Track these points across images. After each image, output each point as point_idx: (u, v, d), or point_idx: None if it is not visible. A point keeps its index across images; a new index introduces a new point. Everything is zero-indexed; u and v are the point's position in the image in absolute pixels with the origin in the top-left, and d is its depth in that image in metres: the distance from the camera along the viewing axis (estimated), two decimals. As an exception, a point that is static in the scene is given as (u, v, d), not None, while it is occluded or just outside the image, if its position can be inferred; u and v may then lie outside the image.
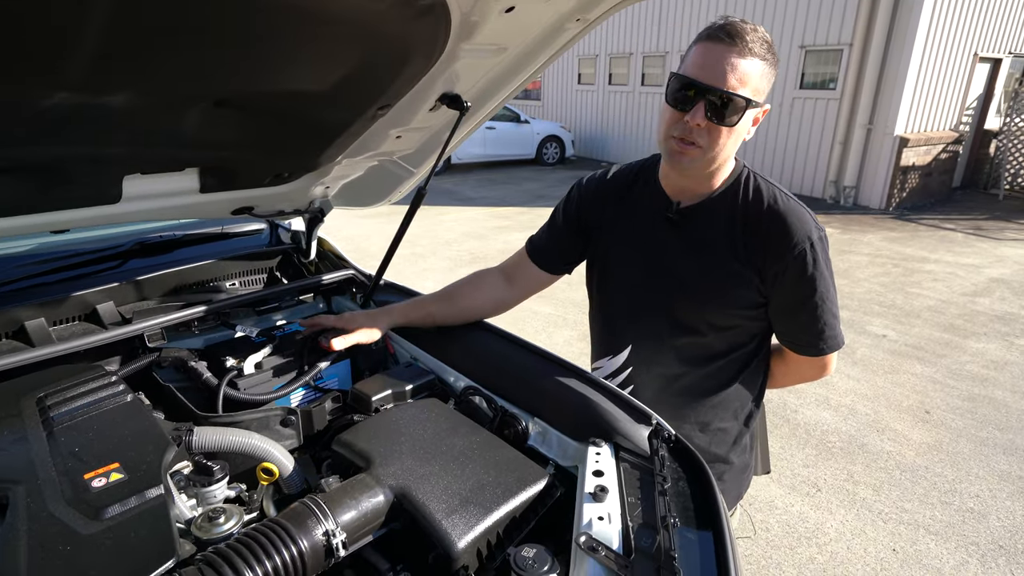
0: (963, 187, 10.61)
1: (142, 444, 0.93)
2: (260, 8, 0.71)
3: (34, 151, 0.88)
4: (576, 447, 1.14)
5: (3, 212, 1.00)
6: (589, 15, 1.05)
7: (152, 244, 1.46)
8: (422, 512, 0.92)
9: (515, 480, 1.01)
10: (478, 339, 1.42)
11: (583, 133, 14.30)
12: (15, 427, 0.93)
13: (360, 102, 1.06)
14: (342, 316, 1.40)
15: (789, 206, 1.20)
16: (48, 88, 0.74)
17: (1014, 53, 10.12)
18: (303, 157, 1.24)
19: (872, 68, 8.73)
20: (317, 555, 0.84)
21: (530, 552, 0.88)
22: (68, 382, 1.04)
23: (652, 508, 0.96)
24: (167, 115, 0.91)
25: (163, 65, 0.77)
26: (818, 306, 1.20)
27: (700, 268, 1.25)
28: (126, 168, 1.07)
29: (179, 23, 0.68)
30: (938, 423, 3.45)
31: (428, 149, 1.40)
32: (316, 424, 1.21)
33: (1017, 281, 5.97)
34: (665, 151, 1.19)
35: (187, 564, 0.77)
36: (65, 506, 0.81)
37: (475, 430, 1.15)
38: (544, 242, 1.47)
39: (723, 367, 1.31)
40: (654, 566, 0.84)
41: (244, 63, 0.83)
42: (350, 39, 0.85)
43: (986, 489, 2.88)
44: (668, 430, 1.11)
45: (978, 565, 2.41)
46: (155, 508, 0.82)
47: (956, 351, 4.39)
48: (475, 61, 1.07)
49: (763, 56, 1.08)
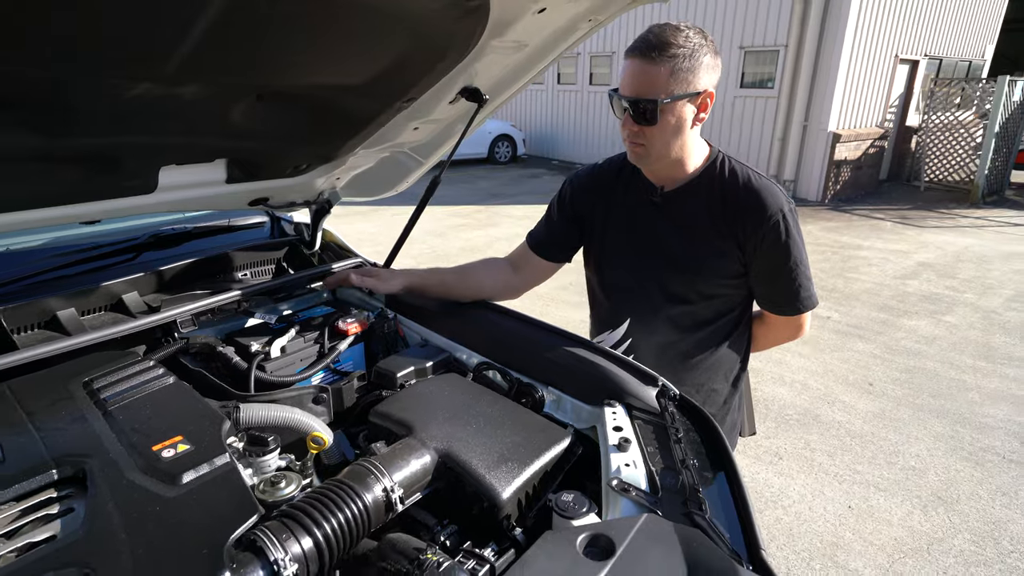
0: (889, 179, 11.37)
1: (198, 419, 0.98)
2: (341, 4, 0.78)
3: (98, 140, 0.92)
4: (590, 411, 1.25)
5: (49, 202, 1.02)
6: (600, 16, 1.16)
7: (166, 236, 1.47)
8: (467, 469, 1.01)
9: (543, 439, 1.11)
10: (485, 318, 1.51)
11: (534, 132, 14.48)
12: (71, 408, 0.96)
13: (391, 94, 1.13)
14: (367, 270, 1.47)
15: (762, 183, 1.35)
16: (141, 80, 0.79)
17: (929, 55, 10.92)
18: (325, 148, 1.30)
19: (806, 68, 9.25)
20: (379, 509, 0.92)
21: (569, 496, 0.98)
22: (109, 367, 1.07)
23: (670, 455, 1.07)
24: (218, 106, 0.96)
25: (239, 58, 0.82)
26: (793, 270, 1.35)
27: (686, 244, 1.39)
28: (165, 158, 1.10)
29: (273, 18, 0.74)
30: (880, 393, 3.76)
31: (438, 140, 1.48)
32: (345, 401, 1.27)
33: (940, 264, 6.49)
34: (628, 153, 1.37)
35: (266, 520, 0.83)
36: (142, 475, 0.85)
37: (497, 399, 1.24)
38: (543, 235, 1.58)
39: (712, 333, 1.45)
40: (680, 500, 0.96)
41: (304, 56, 0.89)
42: (399, 34, 0.92)
43: (924, 449, 3.17)
44: (673, 389, 1.23)
45: (921, 515, 2.67)
46: (227, 473, 0.88)
47: (892, 329, 4.76)
48: (497, 57, 1.16)
49: (676, 55, 1.18)
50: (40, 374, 1.04)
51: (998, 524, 2.61)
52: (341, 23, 0.83)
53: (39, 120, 0.81)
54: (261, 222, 1.75)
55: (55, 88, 0.75)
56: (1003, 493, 2.82)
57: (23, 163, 0.91)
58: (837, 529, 2.58)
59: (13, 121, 0.79)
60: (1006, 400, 3.68)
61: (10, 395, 0.97)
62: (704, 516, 0.92)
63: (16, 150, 0.87)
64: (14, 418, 0.92)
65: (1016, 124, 10.04)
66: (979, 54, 12.44)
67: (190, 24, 0.72)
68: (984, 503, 2.75)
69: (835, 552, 2.45)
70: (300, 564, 0.79)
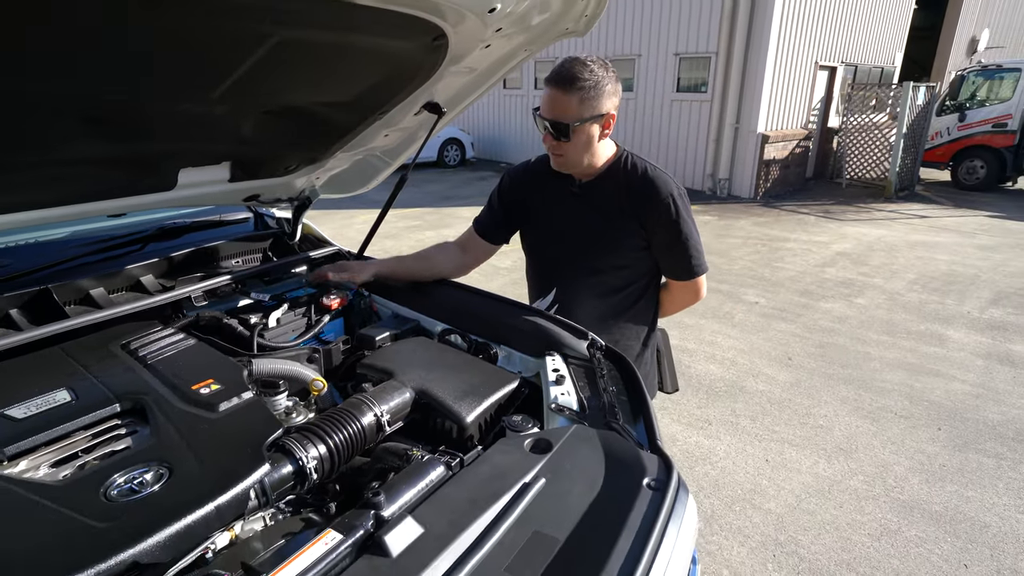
0: (814, 177, 12.23)
1: (221, 368, 1.23)
2: (344, 45, 1.04)
3: (147, 145, 1.14)
4: (535, 362, 1.55)
5: (95, 197, 1.24)
6: (533, 47, 1.47)
7: (169, 229, 1.69)
8: (438, 400, 1.29)
9: (497, 380, 1.40)
10: (445, 293, 1.79)
11: (482, 136, 14.77)
12: (118, 362, 1.19)
13: (370, 108, 1.39)
14: (340, 264, 1.74)
15: (656, 174, 1.68)
16: (191, 102, 1.03)
17: (846, 62, 11.83)
18: (313, 151, 1.55)
19: (736, 73, 9.91)
20: (372, 430, 1.19)
21: (518, 417, 1.28)
22: (139, 333, 1.31)
23: (596, 387, 1.39)
24: (235, 119, 1.20)
25: (263, 86, 1.07)
26: (685, 243, 1.69)
27: (600, 225, 1.72)
28: (186, 161, 1.33)
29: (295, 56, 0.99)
30: (798, 366, 4.23)
31: (403, 145, 1.75)
32: (334, 360, 1.53)
33: (856, 253, 7.15)
34: (551, 160, 1.69)
35: (290, 433, 1.09)
36: (187, 405, 1.10)
37: (459, 354, 1.53)
38: (486, 221, 1.89)
39: (624, 298, 1.78)
40: (602, 416, 1.27)
41: (309, 82, 1.15)
42: (382, 64, 1.19)
43: (832, 411, 3.63)
44: (600, 342, 1.55)
45: (825, 463, 3.10)
46: (254, 402, 1.14)
47: (810, 311, 5.29)
48: (453, 79, 1.44)
49: (583, 87, 1.49)
50: (84, 339, 1.26)
51: (886, 467, 3.07)
52: (341, 58, 1.10)
53: (110, 132, 1.04)
54: (246, 217, 1.97)
55: (129, 108, 0.99)
56: (892, 443, 3.30)
57: (86, 166, 1.13)
58: (755, 479, 2.98)
59: (95, 133, 1.02)
60: (902, 367, 4.22)
61: (65, 355, 1.19)
62: (618, 422, 1.23)
63: (88, 155, 1.09)
64: (76, 370, 1.14)
65: (921, 125, 11.01)
66: (890, 60, 13.52)
67: (238, 64, 0.97)
68: (876, 451, 3.21)
69: (753, 497, 2.84)
70: (317, 462, 1.06)
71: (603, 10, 1.32)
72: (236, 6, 0.84)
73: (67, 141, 1.02)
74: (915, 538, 2.57)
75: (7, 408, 1.02)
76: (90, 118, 0.97)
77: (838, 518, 2.69)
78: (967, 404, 3.72)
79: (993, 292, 5.80)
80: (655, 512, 0.96)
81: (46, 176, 1.09)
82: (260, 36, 0.92)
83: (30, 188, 1.12)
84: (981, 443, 3.30)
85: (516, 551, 0.91)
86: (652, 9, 10.76)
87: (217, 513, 0.90)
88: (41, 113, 0.91)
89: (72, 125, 0.97)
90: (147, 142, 1.14)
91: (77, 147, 1.05)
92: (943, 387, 3.94)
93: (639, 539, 0.91)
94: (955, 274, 6.36)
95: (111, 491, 0.89)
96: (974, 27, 16.69)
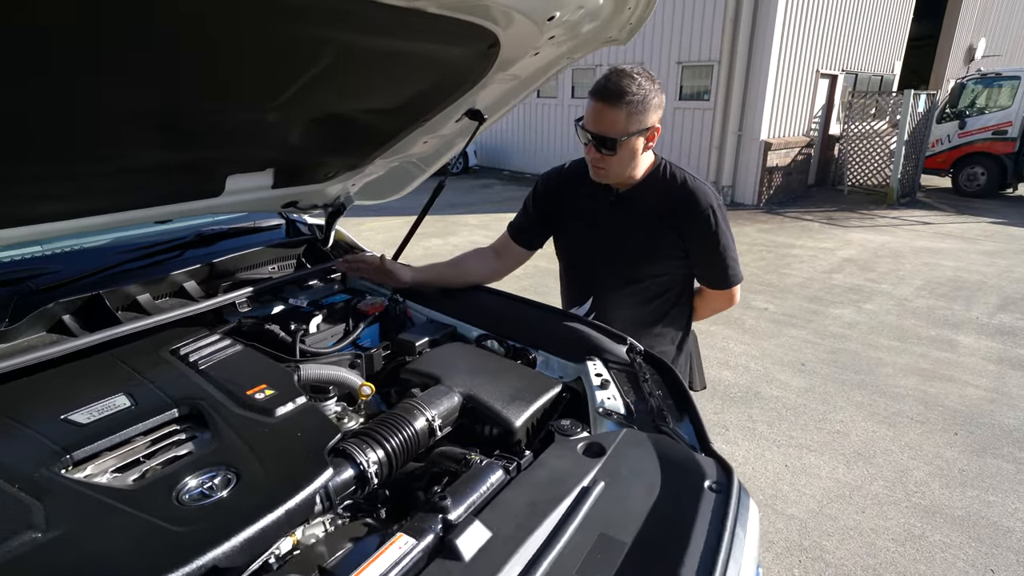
0: (816, 184, 12.29)
1: (272, 373, 1.23)
2: (403, 52, 1.05)
3: (204, 152, 1.15)
4: (574, 367, 1.55)
5: (146, 203, 1.24)
6: (576, 55, 1.48)
7: (207, 235, 1.69)
8: (487, 405, 1.29)
9: (541, 385, 1.40)
10: (478, 297, 1.80)
11: (485, 143, 14.80)
12: (171, 368, 1.20)
13: (414, 116, 1.40)
14: (383, 265, 1.75)
15: (696, 184, 1.69)
16: (251, 111, 1.04)
17: (846, 70, 11.92)
18: (354, 158, 1.56)
19: (738, 81, 9.97)
20: (424, 434, 1.19)
21: (566, 422, 1.28)
22: (187, 339, 1.31)
23: (640, 391, 1.39)
24: (286, 126, 1.21)
25: (319, 95, 1.08)
26: (723, 253, 1.70)
27: (638, 234, 1.72)
28: (235, 167, 1.34)
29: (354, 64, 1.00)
30: (811, 372, 4.24)
31: (439, 152, 1.76)
32: (376, 365, 1.53)
33: (862, 259, 7.18)
34: (590, 170, 1.68)
35: (348, 438, 1.09)
36: (244, 410, 1.10)
37: (500, 359, 1.53)
38: (521, 225, 1.89)
39: (660, 305, 1.79)
40: (650, 419, 1.28)
41: (362, 89, 1.16)
42: (434, 71, 1.20)
43: (848, 416, 3.64)
44: (639, 346, 1.55)
45: (844, 468, 3.10)
46: (310, 409, 1.14)
47: (820, 317, 5.30)
48: (496, 86, 1.46)
49: (631, 101, 1.49)
50: (134, 345, 1.26)
51: (905, 472, 3.07)
52: (397, 65, 1.11)
53: (173, 139, 1.04)
54: (278, 224, 1.98)
55: (195, 116, 0.99)
56: (910, 447, 3.30)
57: (147, 173, 1.14)
58: (776, 484, 2.98)
59: (159, 141, 1.03)
60: (914, 372, 4.23)
61: (119, 361, 1.19)
62: (668, 426, 1.24)
63: (150, 163, 1.10)
64: (131, 375, 1.15)
65: (922, 133, 11.08)
66: (889, 69, 13.63)
67: (304, 72, 0.98)
68: (895, 456, 3.21)
69: (775, 502, 2.84)
70: (377, 467, 1.06)
71: (647, 19, 1.33)
72: (314, 11, 0.85)
73: (134, 149, 1.02)
74: (940, 543, 2.57)
75: (71, 413, 1.02)
76: (158, 126, 0.97)
77: (861, 523, 2.69)
78: (982, 409, 3.73)
79: (1000, 298, 5.82)
80: (722, 514, 0.96)
81: (109, 184, 1.09)
82: (329, 43, 0.93)
83: (92, 195, 1.12)
84: (999, 448, 3.30)
85: (584, 554, 0.91)
86: (654, 18, 10.84)
87: (287, 518, 0.90)
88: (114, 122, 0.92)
89: (141, 133, 0.98)
90: (205, 149, 1.14)
91: (142, 155, 1.05)
92: (957, 392, 3.95)
93: (710, 542, 0.91)
94: (961, 280, 6.38)
95: (183, 495, 0.89)
96: (971, 36, 16.84)
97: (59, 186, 1.05)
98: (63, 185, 1.04)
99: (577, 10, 1.16)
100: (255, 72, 0.95)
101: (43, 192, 1.06)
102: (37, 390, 1.09)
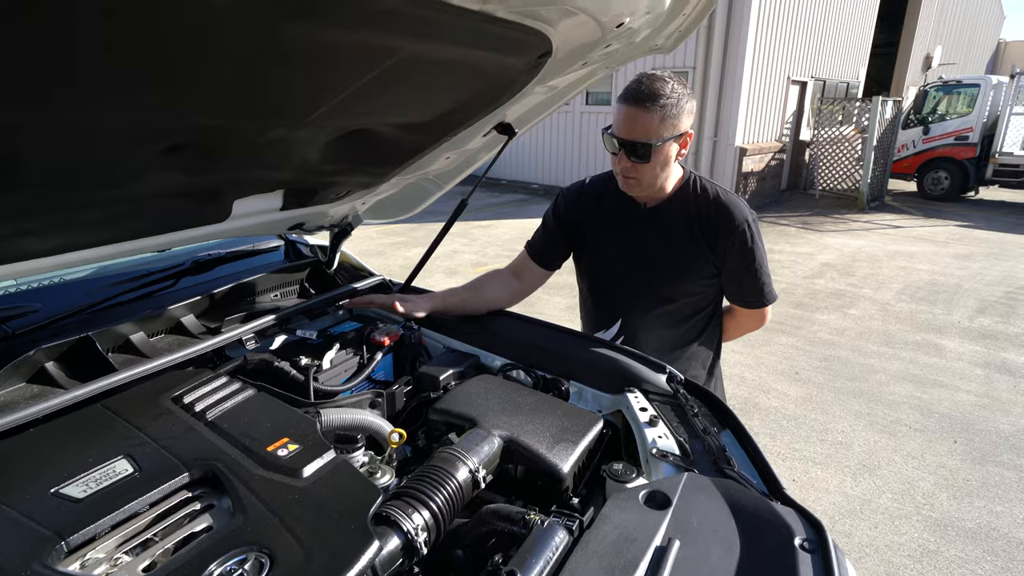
0: (789, 189, 12.48)
1: (291, 422, 1.09)
2: (450, 60, 0.93)
3: (219, 175, 1.00)
4: (611, 399, 1.44)
5: (150, 232, 1.08)
6: (615, 65, 1.37)
7: (203, 262, 1.52)
8: (531, 450, 1.17)
9: (583, 422, 1.29)
10: (500, 323, 1.67)
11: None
12: (174, 421, 1.04)
13: (443, 130, 1.27)
14: (394, 296, 1.60)
15: (729, 198, 1.60)
16: (290, 125, 0.90)
17: (815, 77, 12.16)
18: (370, 176, 1.42)
19: (713, 88, 10.06)
20: (468, 486, 1.06)
21: (619, 465, 1.17)
22: (189, 383, 1.15)
23: (690, 426, 1.28)
24: (311, 143, 1.07)
25: (359, 104, 0.95)
26: (758, 270, 1.62)
27: (669, 252, 1.62)
28: (245, 190, 1.18)
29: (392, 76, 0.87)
30: (806, 380, 4.22)
31: (459, 169, 1.63)
32: (397, 404, 1.39)
33: (840, 264, 7.27)
34: (619, 182, 1.57)
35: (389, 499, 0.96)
36: (267, 471, 0.95)
37: (532, 392, 1.40)
38: (541, 244, 1.77)
39: (692, 327, 1.69)
40: (710, 460, 1.17)
41: (396, 103, 1.02)
42: (475, 82, 1.08)
43: (847, 426, 3.61)
44: (679, 375, 1.45)
45: (851, 482, 3.06)
46: (341, 465, 1.00)
47: (807, 323, 5.31)
48: (531, 98, 1.34)
49: (665, 104, 1.40)
50: (129, 393, 1.10)
51: (912, 483, 3.05)
52: (444, 76, 0.98)
53: (189, 162, 0.90)
54: (277, 245, 1.82)
55: (220, 135, 0.85)
56: (913, 457, 3.28)
57: (156, 199, 0.98)
58: (785, 500, 2.91)
59: (173, 165, 0.87)
60: (906, 379, 4.24)
61: (112, 414, 1.03)
62: (733, 469, 1.13)
63: (159, 189, 0.94)
64: (130, 433, 0.98)
65: (889, 138, 11.36)
66: (854, 75, 13.96)
67: (351, 83, 0.85)
68: (899, 467, 3.19)
69: (786, 519, 2.77)
70: (426, 534, 0.93)
71: (697, 27, 1.24)
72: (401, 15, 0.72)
73: (146, 174, 0.87)
74: (956, 558, 2.53)
75: (62, 486, 0.86)
76: (169, 148, 0.82)
77: (876, 539, 2.64)
78: (976, 415, 3.75)
79: (977, 301, 5.94)
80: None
81: (116, 212, 0.94)
82: (388, 51, 0.80)
83: (97, 226, 0.96)
84: (998, 455, 3.31)
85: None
86: (629, 25, 10.86)
87: (334, 608, 0.76)
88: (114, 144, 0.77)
89: (147, 157, 0.83)
90: (220, 172, 1.00)
91: (153, 180, 0.90)
92: (949, 398, 3.97)
93: (820, 615, 0.80)
94: (938, 283, 6.50)
95: (210, 589, 0.74)
96: (928, 44, 17.41)
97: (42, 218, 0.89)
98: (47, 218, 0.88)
99: (644, 15, 1.05)
100: (299, 85, 0.81)
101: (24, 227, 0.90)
102: (20, 457, 0.92)
